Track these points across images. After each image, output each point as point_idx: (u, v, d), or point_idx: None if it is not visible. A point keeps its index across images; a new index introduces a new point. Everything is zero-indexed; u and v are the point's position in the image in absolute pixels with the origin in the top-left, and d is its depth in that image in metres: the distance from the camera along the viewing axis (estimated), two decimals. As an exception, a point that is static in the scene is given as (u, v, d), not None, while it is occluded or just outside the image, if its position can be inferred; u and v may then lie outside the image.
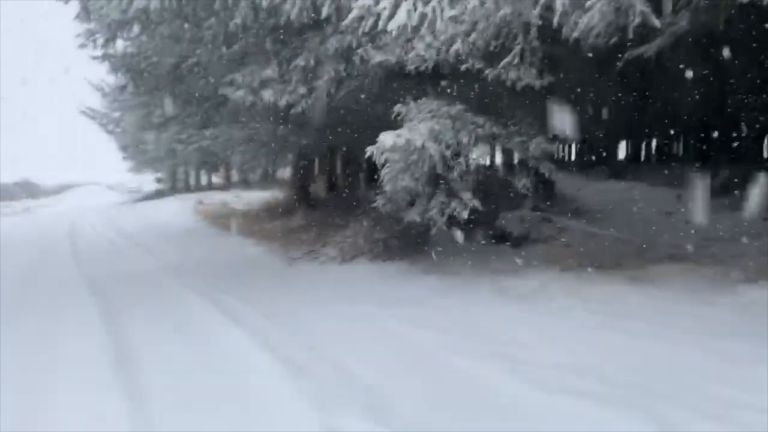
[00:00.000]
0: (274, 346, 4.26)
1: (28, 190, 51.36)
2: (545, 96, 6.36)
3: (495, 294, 5.30)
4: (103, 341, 4.67)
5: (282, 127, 10.00)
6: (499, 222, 8.41)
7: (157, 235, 13.27)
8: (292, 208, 15.31)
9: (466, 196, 5.61)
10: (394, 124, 6.08)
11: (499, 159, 13.29)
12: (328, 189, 16.59)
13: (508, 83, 5.59)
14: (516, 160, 8.53)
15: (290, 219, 14.05)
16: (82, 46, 8.62)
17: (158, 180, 34.99)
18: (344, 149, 16.42)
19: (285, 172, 34.60)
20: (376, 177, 17.88)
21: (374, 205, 6.60)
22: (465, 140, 5.44)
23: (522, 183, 5.87)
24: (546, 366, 3.66)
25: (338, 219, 12.29)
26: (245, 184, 31.87)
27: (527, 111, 5.96)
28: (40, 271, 8.98)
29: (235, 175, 35.91)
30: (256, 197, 22.05)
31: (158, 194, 32.81)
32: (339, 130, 8.88)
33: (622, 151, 26.21)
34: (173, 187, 33.25)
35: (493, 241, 8.16)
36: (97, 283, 7.59)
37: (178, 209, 20.45)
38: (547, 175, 5.87)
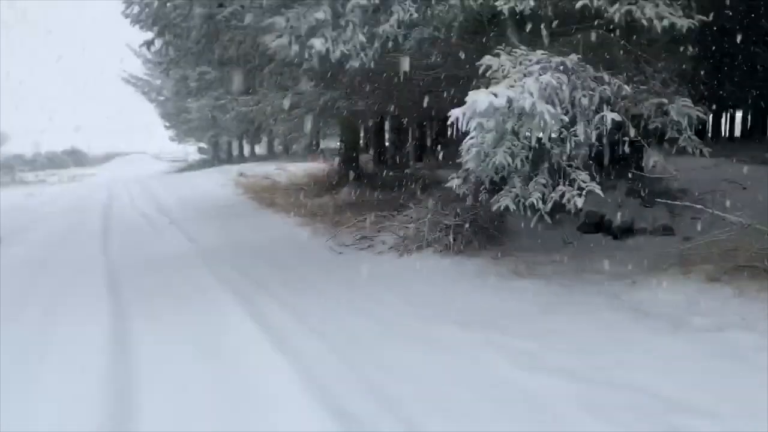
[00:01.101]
0: (326, 388, 2.99)
1: (76, 158, 51.74)
2: (679, 44, 4.84)
3: (627, 314, 3.87)
4: (101, 354, 3.52)
5: (331, 90, 8.66)
6: (589, 207, 6.94)
7: (194, 211, 12.22)
8: (339, 183, 14.04)
9: (582, 177, 4.17)
10: (475, 84, 4.68)
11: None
12: (377, 162, 15.26)
13: (644, 22, 4.09)
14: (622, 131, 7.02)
15: (337, 195, 12.80)
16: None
17: (200, 150, 34.27)
18: (396, 116, 15.04)
19: (330, 143, 33.41)
20: (437, 148, 16.41)
21: (448, 185, 5.23)
22: (585, 102, 3.99)
23: (653, 161, 4.38)
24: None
25: (391, 197, 10.99)
26: (288, 154, 30.81)
27: (664, 64, 4.45)
28: (61, 252, 7.97)
29: (277, 146, 34.90)
30: (299, 169, 20.89)
31: (201, 164, 32.11)
32: (402, 91, 7.47)
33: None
34: (215, 157, 32.46)
35: (588, 231, 6.71)
36: (117, 270, 6.51)
37: (219, 181, 19.48)
38: (691, 150, 4.37)
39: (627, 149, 5.34)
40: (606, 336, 3.49)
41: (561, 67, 3.98)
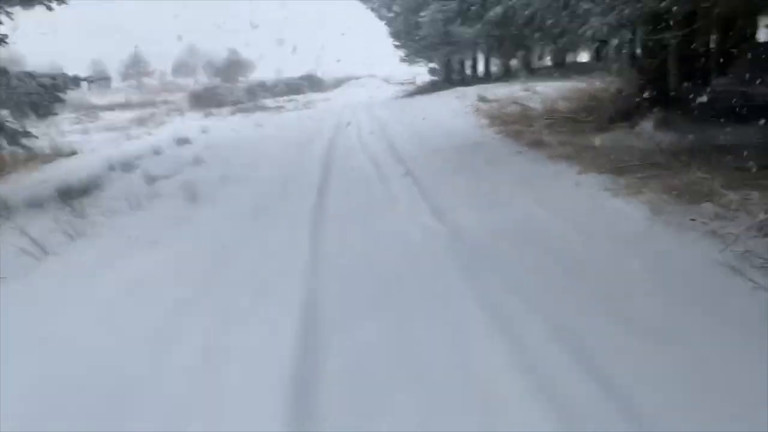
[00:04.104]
0: None
1: (311, 83, 53.11)
2: None
3: None
4: None
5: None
6: None
7: (432, 153, 9.19)
8: (632, 111, 9.83)
9: None
10: None
11: None
12: (681, 79, 10.47)
13: None
14: None
15: (636, 130, 8.74)
16: None
17: (431, 71, 31.40)
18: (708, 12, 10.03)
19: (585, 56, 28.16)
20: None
21: None
22: None
23: None
24: None
25: (745, 138, 6.73)
26: (531, 73, 26.35)
27: None
28: (257, 229, 5.47)
29: (516, 64, 30.55)
30: (552, 90, 16.76)
31: (431, 87, 29.36)
32: None
33: None
34: (447, 78, 29.36)
35: None
36: (322, 288, 3.66)
37: (456, 108, 16.31)
38: None
39: None
40: None
41: None
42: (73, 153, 16.14)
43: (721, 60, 14.41)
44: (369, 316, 3.17)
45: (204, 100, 40.99)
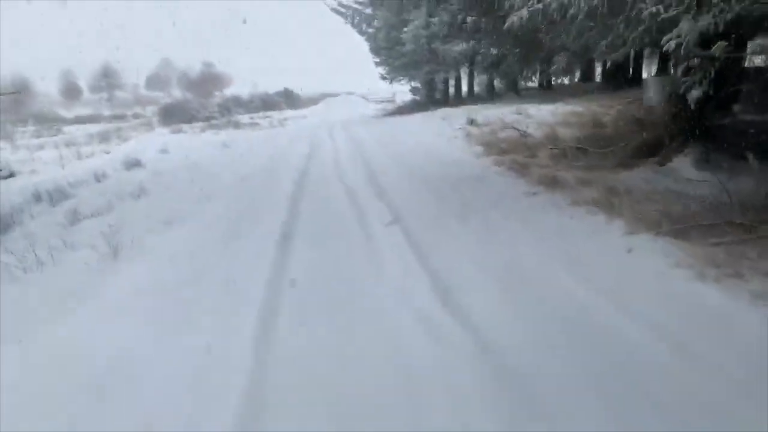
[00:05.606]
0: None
1: (288, 99, 51.49)
2: None
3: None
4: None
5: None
6: None
7: (423, 190, 7.55)
8: (657, 144, 8.32)
9: None
10: None
11: None
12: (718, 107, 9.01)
13: None
14: None
15: (671, 169, 7.21)
16: None
17: (413, 90, 29.95)
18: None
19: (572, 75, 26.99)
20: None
21: None
22: None
23: None
24: None
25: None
26: (517, 94, 25.02)
27: None
28: (188, 308, 3.78)
29: (499, 84, 29.25)
30: (548, 114, 15.37)
31: (412, 107, 27.91)
32: None
33: None
34: (429, 97, 27.93)
35: None
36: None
37: (443, 131, 14.76)
38: None
39: None
40: None
41: None
42: (11, 175, 14.22)
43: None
44: None
45: (175, 115, 39.05)
